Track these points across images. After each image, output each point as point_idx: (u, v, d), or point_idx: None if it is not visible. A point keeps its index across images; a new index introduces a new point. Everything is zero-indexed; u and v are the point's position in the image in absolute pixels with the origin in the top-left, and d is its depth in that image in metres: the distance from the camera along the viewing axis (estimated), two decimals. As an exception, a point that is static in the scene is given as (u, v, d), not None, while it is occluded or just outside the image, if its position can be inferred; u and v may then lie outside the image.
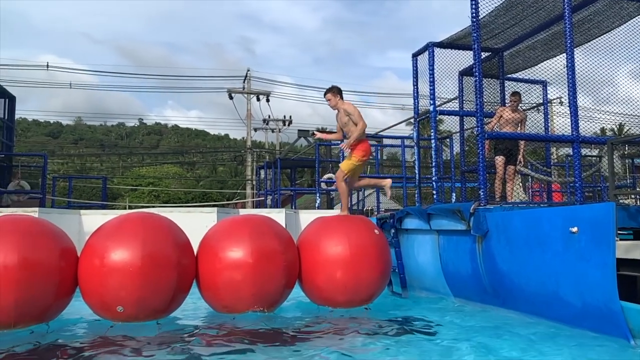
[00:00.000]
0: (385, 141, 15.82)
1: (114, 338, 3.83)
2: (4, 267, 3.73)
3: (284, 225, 8.90)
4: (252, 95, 25.75)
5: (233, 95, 25.15)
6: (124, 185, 38.18)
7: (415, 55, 6.97)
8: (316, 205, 11.80)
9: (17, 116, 17.64)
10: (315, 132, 6.81)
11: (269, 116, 29.35)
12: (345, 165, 5.64)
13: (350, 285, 4.63)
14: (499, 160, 6.68)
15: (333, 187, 16.85)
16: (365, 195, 15.72)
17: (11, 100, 16.19)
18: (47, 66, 25.01)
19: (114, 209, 21.77)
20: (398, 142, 13.05)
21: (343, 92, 5.73)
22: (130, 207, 25.65)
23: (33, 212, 7.48)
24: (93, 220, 8.48)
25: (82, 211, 8.50)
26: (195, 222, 8.59)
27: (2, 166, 15.07)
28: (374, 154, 12.01)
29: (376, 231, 5.05)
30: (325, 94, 5.68)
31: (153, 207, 18.03)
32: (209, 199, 36.80)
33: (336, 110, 5.68)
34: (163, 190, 38.65)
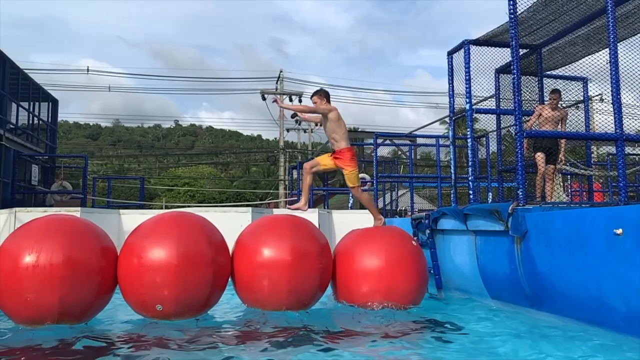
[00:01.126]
0: (419, 140, 15.67)
1: (149, 334, 3.91)
2: (50, 265, 3.85)
3: (317, 225, 8.95)
4: (284, 96, 25.92)
5: (266, 96, 25.38)
6: (160, 186, 39.06)
7: (450, 53, 6.88)
8: (349, 206, 11.78)
9: (59, 119, 18.27)
10: (277, 99, 6.19)
11: (302, 116, 29.47)
12: (350, 181, 5.59)
13: (384, 294, 4.64)
14: (540, 156, 6.50)
15: (366, 187, 16.80)
16: (399, 194, 15.60)
17: (54, 103, 16.80)
18: (88, 70, 25.84)
19: (151, 208, 22.28)
20: (432, 141, 12.91)
21: (331, 96, 5.62)
22: (166, 207, 26.22)
23: (76, 212, 7.72)
24: (132, 219, 8.70)
25: (122, 211, 8.72)
26: (231, 222, 8.73)
27: (45, 167, 15.64)
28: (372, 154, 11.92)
29: (413, 242, 5.04)
30: (312, 96, 5.58)
31: (189, 206, 18.36)
32: (242, 199, 37.22)
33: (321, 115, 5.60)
34: (198, 190, 39.33)
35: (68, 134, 51.53)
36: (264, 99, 25.55)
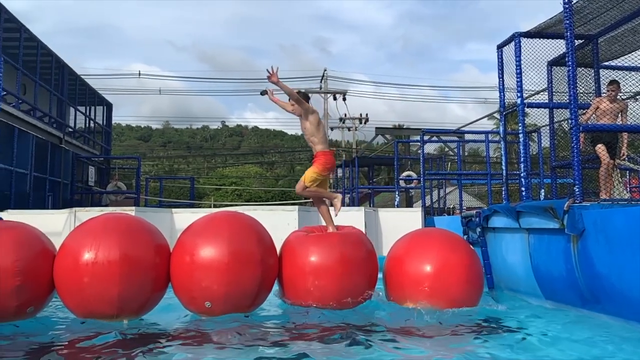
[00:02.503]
0: (467, 136, 15.35)
1: (199, 329, 4.00)
2: (108, 262, 3.99)
3: (363, 223, 8.92)
4: (329, 95, 25.97)
5: (310, 95, 25.52)
6: (208, 185, 39.99)
7: (500, 47, 6.69)
8: (395, 204, 11.67)
9: (112, 122, 19.01)
10: (267, 91, 5.77)
11: (345, 115, 29.45)
12: (307, 177, 5.15)
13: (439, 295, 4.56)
14: (601, 147, 6.18)
15: (412, 185, 16.60)
16: (447, 192, 15.32)
17: (108, 107, 17.51)
18: (139, 74, 26.75)
19: (200, 207, 22.84)
20: (481, 137, 12.60)
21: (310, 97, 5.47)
22: (215, 206, 26.80)
23: (130, 211, 8.00)
24: (183, 218, 8.95)
25: (174, 210, 8.98)
26: (278, 220, 8.84)
27: (101, 168, 16.32)
28: (419, 151, 11.63)
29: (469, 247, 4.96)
30: (289, 99, 5.40)
31: (237, 205, 18.70)
32: (287, 198, 37.57)
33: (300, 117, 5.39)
34: (245, 190, 39.99)
35: (121, 136, 53.51)
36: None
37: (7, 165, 10.10)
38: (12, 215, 7.41)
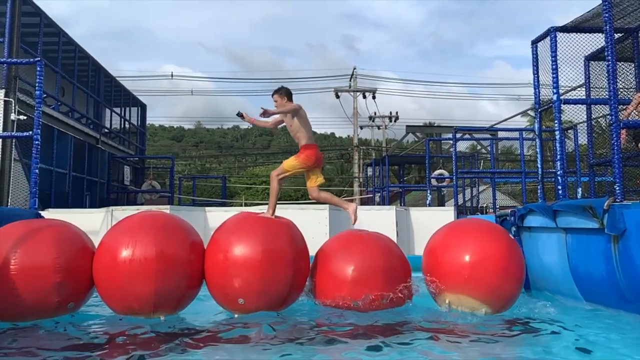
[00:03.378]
0: (501, 134, 15.06)
1: (231, 325, 4.04)
2: (144, 259, 4.06)
3: (394, 223, 8.87)
4: (358, 93, 25.89)
5: (340, 94, 25.49)
6: (239, 184, 40.43)
7: (534, 42, 6.53)
8: (427, 203, 11.55)
9: (146, 122, 19.42)
10: (243, 113, 5.75)
11: (375, 113, 29.31)
12: (286, 163, 5.17)
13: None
14: None
15: (444, 184, 16.40)
16: (480, 190, 15.08)
17: (143, 108, 17.90)
18: (172, 75, 27.25)
19: (232, 206, 23.11)
20: (514, 134, 12.35)
21: (293, 94, 5.30)
22: (245, 205, 27.08)
23: (165, 210, 8.18)
24: (217, 216, 9.09)
25: (207, 208, 9.12)
26: (309, 219, 8.89)
27: (136, 168, 16.71)
28: (450, 149, 11.43)
29: (509, 237, 4.80)
30: (272, 95, 5.27)
31: (267, 204, 18.82)
32: (317, 197, 37.53)
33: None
34: (275, 189, 40.24)
35: (154, 137, 54.60)
36: (337, 97, 25.67)
37: (48, 165, 10.44)
38: (52, 214, 7.65)
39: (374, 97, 26.37)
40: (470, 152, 20.01)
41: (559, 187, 6.11)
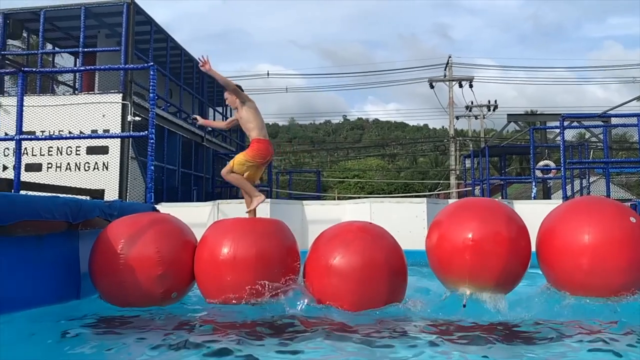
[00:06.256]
0: (614, 120, 13.81)
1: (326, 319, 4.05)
2: (245, 258, 4.17)
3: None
4: (454, 82, 25.07)
5: (434, 83, 24.85)
6: (332, 178, 40.95)
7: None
8: (532, 196, 10.90)
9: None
10: (196, 117, 5.88)
11: (472, 102, 28.20)
12: (236, 160, 4.99)
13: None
14: None
15: (550, 175, 15.40)
16: (590, 182, 13.98)
17: (242, 106, 18.68)
18: (268, 74, 28.23)
19: (325, 199, 23.49)
20: (631, 120, 11.26)
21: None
22: (338, 198, 27.39)
23: (265, 203, 8.47)
24: (313, 209, 9.29)
25: (304, 202, 9.33)
26: (406, 212, 8.77)
27: (236, 164, 17.51)
28: (556, 139, 10.50)
29: (632, 219, 4.26)
30: (224, 92, 5.21)
31: (362, 197, 18.85)
32: (410, 190, 37.11)
33: (236, 110, 5.16)
34: (367, 182, 40.28)
35: (251, 133, 56.74)
36: (432, 87, 25.05)
37: (160, 162, 11.27)
38: (164, 208, 8.23)
39: (470, 86, 25.41)
40: (577, 141, 18.62)
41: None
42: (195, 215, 8.64)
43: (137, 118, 10.28)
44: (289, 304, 4.16)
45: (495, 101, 27.89)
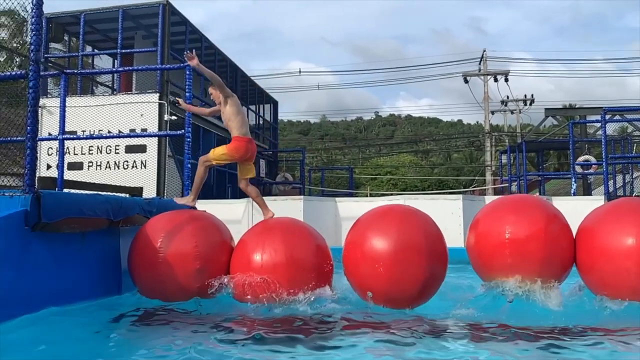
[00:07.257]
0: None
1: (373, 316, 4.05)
2: (274, 261, 4.19)
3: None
4: (489, 77, 24.57)
5: (468, 78, 24.42)
6: (364, 175, 40.81)
7: None
8: (572, 192, 10.60)
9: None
10: (178, 100, 5.88)
11: (507, 97, 27.60)
12: (214, 151, 5.18)
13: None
14: None
15: (591, 171, 14.94)
16: (634, 177, 13.49)
17: (275, 105, 18.85)
18: (300, 72, 28.35)
19: (358, 196, 23.44)
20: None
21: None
22: (371, 195, 27.28)
23: (299, 200, 8.54)
24: (346, 206, 9.28)
25: (337, 198, 9.34)
26: (441, 209, 8.67)
27: (270, 161, 17.67)
28: (597, 133, 10.06)
29: None
30: (209, 87, 5.26)
31: (395, 194, 18.75)
32: (444, 187, 36.64)
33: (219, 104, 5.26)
34: (400, 179, 39.94)
35: (283, 132, 57.20)
36: (466, 81, 24.62)
37: (195, 160, 11.48)
38: (201, 205, 8.34)
39: (506, 80, 24.84)
40: (619, 135, 17.97)
41: None
42: (229, 212, 8.75)
43: (173, 117, 10.50)
44: (319, 302, 4.16)
45: (532, 95, 27.19)
